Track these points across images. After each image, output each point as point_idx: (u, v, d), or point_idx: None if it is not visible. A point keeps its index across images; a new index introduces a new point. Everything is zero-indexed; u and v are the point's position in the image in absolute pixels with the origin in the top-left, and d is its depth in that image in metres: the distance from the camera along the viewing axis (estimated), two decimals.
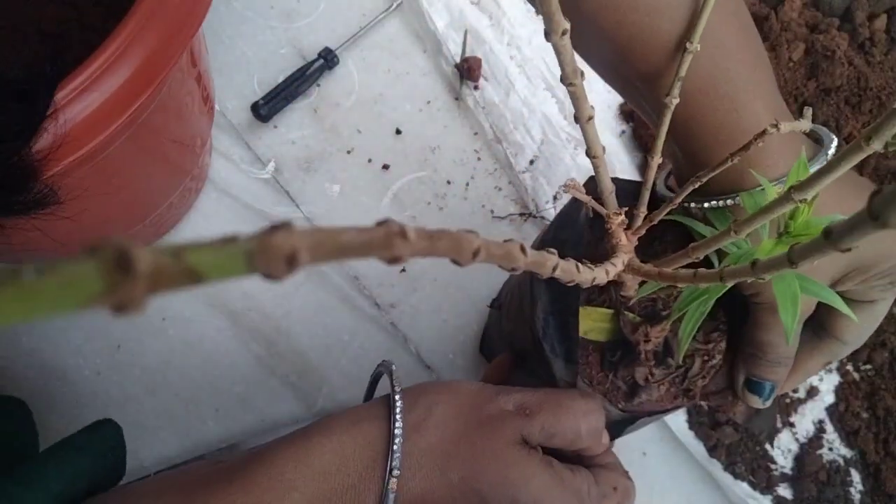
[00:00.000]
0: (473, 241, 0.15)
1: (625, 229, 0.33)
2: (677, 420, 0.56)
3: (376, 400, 0.37)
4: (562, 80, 0.23)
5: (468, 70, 0.63)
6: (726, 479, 0.55)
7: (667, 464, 0.56)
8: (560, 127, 0.64)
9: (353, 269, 0.59)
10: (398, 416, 0.34)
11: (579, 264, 0.23)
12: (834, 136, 0.35)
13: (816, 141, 0.36)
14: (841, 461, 0.56)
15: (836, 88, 0.61)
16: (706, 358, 0.40)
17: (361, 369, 0.56)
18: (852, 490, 0.55)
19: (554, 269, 0.20)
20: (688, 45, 0.30)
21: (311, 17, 0.64)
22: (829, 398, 0.58)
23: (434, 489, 0.33)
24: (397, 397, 0.34)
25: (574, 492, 0.35)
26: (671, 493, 0.56)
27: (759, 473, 0.55)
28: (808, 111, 0.30)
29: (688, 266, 0.28)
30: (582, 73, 0.23)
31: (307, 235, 0.11)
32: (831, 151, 0.33)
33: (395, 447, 0.33)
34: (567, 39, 0.20)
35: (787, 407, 0.57)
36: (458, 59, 0.64)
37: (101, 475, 0.35)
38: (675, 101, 0.31)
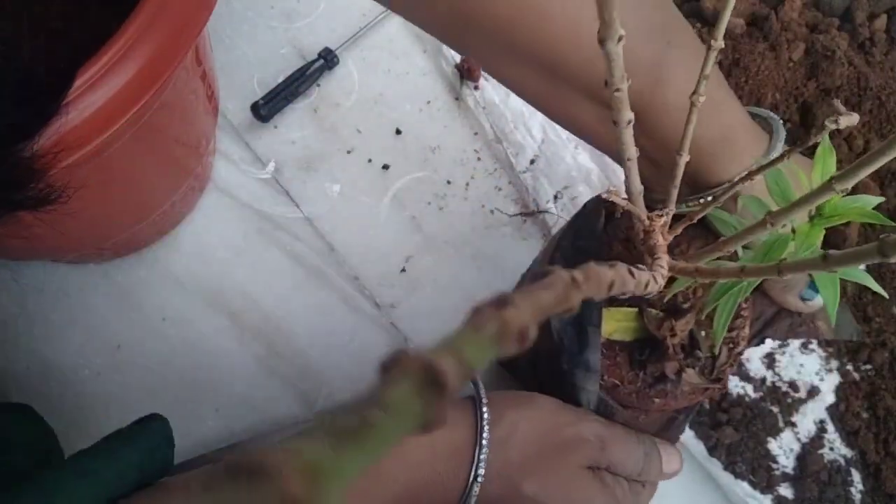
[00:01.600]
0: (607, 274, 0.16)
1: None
2: None
3: (464, 402, 0.39)
4: (606, 84, 0.23)
5: (468, 70, 0.63)
6: (727, 478, 0.55)
7: None
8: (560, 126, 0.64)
9: (353, 269, 0.59)
10: (485, 428, 0.36)
11: (631, 268, 0.22)
12: (779, 119, 0.36)
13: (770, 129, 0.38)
14: (842, 461, 0.56)
15: (836, 88, 0.61)
16: (731, 346, 0.40)
17: (361, 369, 0.56)
18: (853, 490, 0.55)
19: (610, 287, 0.19)
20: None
21: (311, 17, 0.64)
22: (830, 398, 0.58)
23: (508, 498, 0.37)
24: (485, 410, 0.37)
25: None
26: (671, 493, 0.56)
27: (759, 473, 0.55)
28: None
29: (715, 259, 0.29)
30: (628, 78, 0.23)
31: (524, 306, 0.11)
32: (780, 144, 0.36)
33: (481, 457, 0.36)
34: (621, 47, 0.20)
35: (788, 407, 0.57)
36: (458, 60, 0.64)
37: (150, 468, 0.36)
38: (702, 98, 0.30)
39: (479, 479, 0.36)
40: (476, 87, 0.64)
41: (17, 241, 0.42)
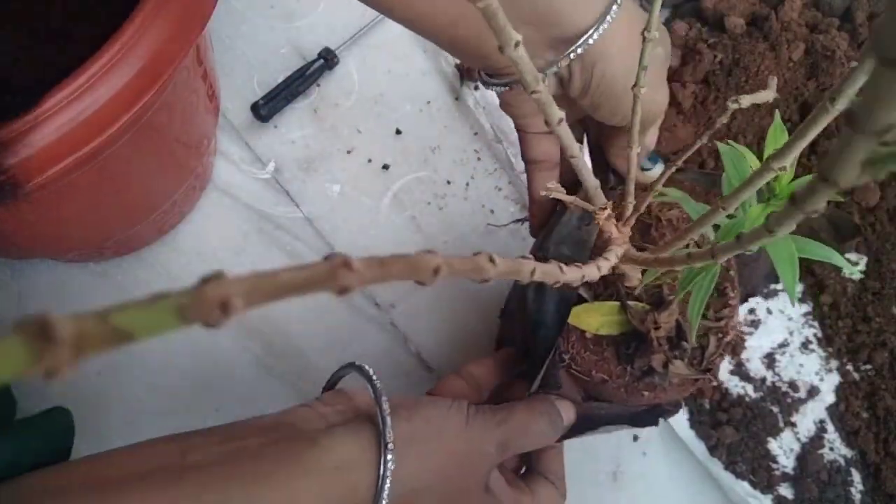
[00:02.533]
0: (431, 261, 0.15)
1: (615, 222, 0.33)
2: (678, 419, 0.56)
3: (361, 435, 0.35)
4: (524, 87, 0.23)
5: (468, 70, 0.63)
6: (727, 478, 0.55)
7: (667, 464, 0.56)
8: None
9: None
10: (388, 474, 0.33)
11: (563, 265, 0.23)
12: None
13: None
14: (842, 461, 0.56)
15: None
16: (720, 335, 0.40)
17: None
18: (853, 490, 0.55)
19: (532, 272, 0.20)
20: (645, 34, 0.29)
21: (310, 17, 0.64)
22: (830, 398, 0.58)
23: None
24: (389, 457, 0.33)
25: None
26: (671, 493, 0.56)
27: (759, 473, 0.55)
28: None
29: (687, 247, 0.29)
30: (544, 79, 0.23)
31: (241, 282, 0.11)
32: None
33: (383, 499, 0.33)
34: (523, 52, 0.21)
35: (788, 407, 0.57)
36: (458, 60, 0.64)
37: (47, 455, 0.35)
38: (644, 89, 0.30)
39: None
40: (476, 87, 0.64)
41: (19, 239, 0.42)
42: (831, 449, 0.57)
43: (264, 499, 0.31)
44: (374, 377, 0.36)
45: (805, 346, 0.59)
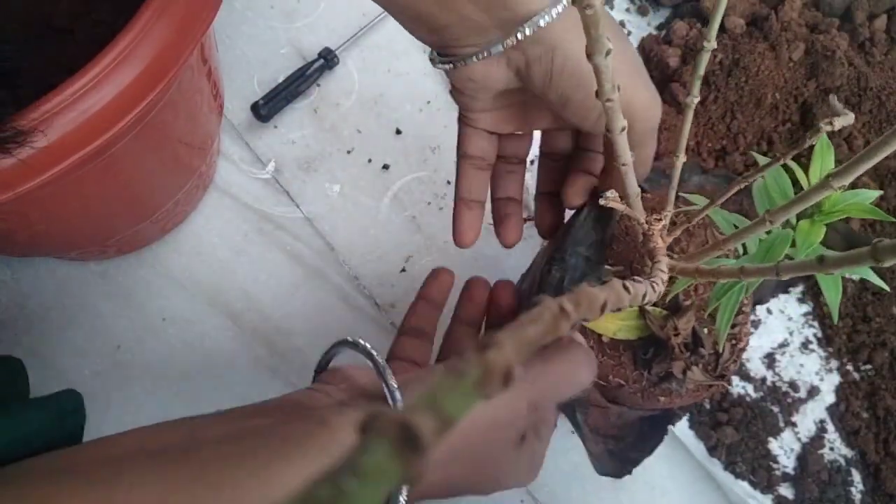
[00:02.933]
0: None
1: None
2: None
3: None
4: (597, 95, 0.23)
5: None
6: (727, 478, 0.55)
7: (667, 464, 0.56)
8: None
9: (353, 269, 0.59)
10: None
11: (626, 283, 0.22)
12: None
13: None
14: (842, 461, 0.56)
15: (836, 88, 0.61)
16: (734, 342, 0.40)
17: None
18: (853, 490, 0.55)
19: (603, 308, 0.19)
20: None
21: (311, 17, 0.64)
22: (830, 398, 0.58)
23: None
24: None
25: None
26: (671, 493, 0.56)
27: (759, 473, 0.55)
28: None
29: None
30: (618, 88, 0.23)
31: (511, 343, 0.11)
32: None
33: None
34: (610, 60, 0.21)
35: (788, 407, 0.57)
36: None
37: (58, 436, 0.35)
38: (696, 99, 0.30)
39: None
40: None
41: (23, 237, 0.42)
42: (831, 449, 0.57)
43: (280, 474, 0.30)
44: (374, 352, 0.35)
45: (805, 346, 0.59)
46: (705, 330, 0.40)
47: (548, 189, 0.47)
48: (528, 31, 0.34)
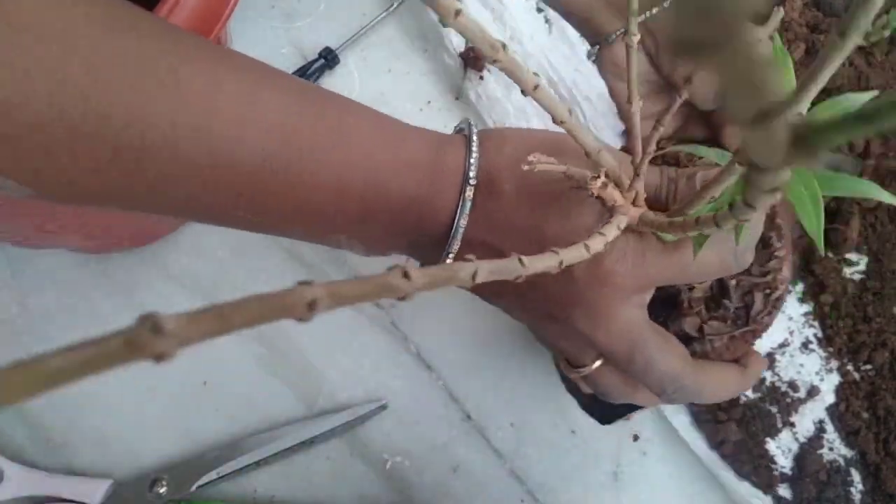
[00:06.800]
0: (306, 294, 0.13)
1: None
2: (679, 419, 0.56)
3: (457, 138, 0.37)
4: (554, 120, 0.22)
5: (473, 59, 0.62)
6: (729, 478, 0.55)
7: (667, 463, 0.56)
8: None
9: (353, 268, 0.59)
10: (474, 140, 0.35)
11: (522, 257, 0.19)
12: None
13: None
14: (841, 461, 0.56)
15: (837, 88, 0.61)
16: (768, 291, 0.36)
17: (361, 369, 0.56)
18: (853, 490, 0.55)
19: (473, 276, 0.16)
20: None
21: (311, 16, 0.64)
22: (830, 398, 0.58)
23: (498, 225, 0.36)
24: (474, 140, 0.35)
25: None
26: (672, 493, 0.56)
27: (760, 473, 0.55)
28: None
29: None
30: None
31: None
32: None
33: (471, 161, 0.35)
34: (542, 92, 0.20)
35: (787, 407, 0.57)
36: (461, 49, 0.63)
37: None
38: (636, 37, 0.28)
39: (472, 181, 0.34)
40: (481, 78, 0.63)
41: (51, 225, 0.42)
42: (831, 449, 0.57)
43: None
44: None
45: (805, 346, 0.59)
46: (733, 281, 0.36)
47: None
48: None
